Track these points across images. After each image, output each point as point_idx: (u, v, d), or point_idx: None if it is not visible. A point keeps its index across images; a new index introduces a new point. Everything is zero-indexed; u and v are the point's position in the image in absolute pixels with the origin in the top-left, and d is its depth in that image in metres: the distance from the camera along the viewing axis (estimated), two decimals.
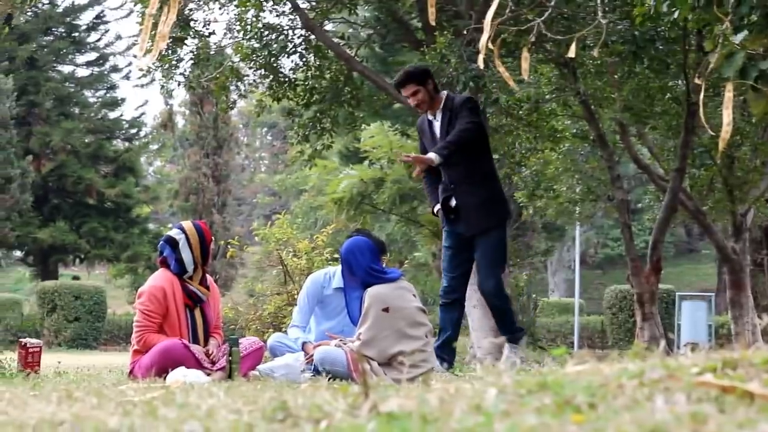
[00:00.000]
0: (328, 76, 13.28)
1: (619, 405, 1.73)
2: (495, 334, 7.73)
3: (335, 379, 4.66)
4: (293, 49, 13.02)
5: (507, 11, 7.76)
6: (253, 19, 12.53)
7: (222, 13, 13.43)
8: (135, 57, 31.94)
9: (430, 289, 21.94)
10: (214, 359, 5.37)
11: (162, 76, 13.43)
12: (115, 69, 34.91)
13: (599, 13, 7.89)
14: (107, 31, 38.19)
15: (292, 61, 13.44)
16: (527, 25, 7.49)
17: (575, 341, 25.80)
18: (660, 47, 11.08)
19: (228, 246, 12.06)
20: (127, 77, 35.13)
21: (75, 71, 34.77)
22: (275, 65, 13.08)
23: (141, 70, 15.37)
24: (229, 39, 13.14)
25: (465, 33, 10.39)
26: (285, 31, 12.93)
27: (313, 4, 13.48)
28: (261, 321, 9.74)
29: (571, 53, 6.67)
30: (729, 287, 16.15)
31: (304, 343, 5.64)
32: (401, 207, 18.94)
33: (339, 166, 22.41)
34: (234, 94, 14.15)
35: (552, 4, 8.70)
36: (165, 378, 4.76)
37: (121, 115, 34.81)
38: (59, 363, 7.47)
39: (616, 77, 13.11)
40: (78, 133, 31.81)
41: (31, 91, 31.69)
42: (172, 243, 5.51)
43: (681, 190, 14.08)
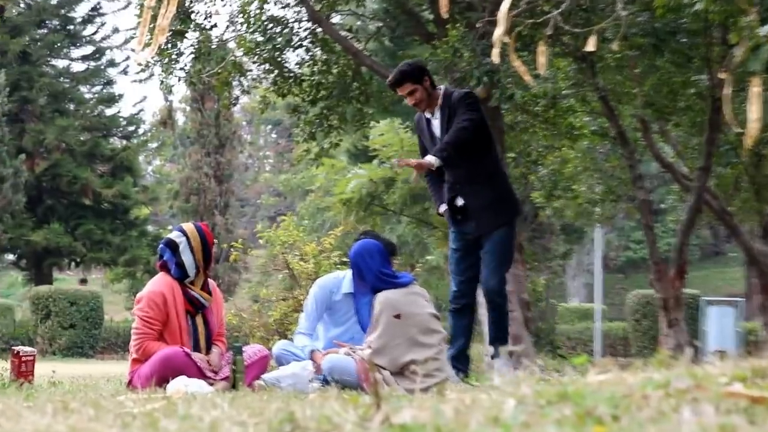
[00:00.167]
0: (335, 70, 13.28)
1: (644, 417, 1.73)
2: (512, 341, 7.57)
3: (345, 389, 4.61)
4: (299, 43, 13.08)
5: (522, 3, 7.68)
6: (257, 11, 12.54)
7: (224, 5, 13.42)
8: (133, 51, 32.21)
9: (443, 294, 21.77)
10: (216, 368, 5.35)
11: (161, 71, 13.39)
12: (112, 64, 34.66)
13: (619, 5, 7.81)
14: (104, 24, 38.14)
15: (297, 56, 13.58)
16: (544, 18, 7.47)
17: (596, 349, 25.78)
18: (682, 40, 11.08)
19: (231, 249, 12.00)
20: (125, 72, 34.92)
21: (70, 66, 34.47)
22: (280, 60, 13.08)
23: (139, 64, 15.81)
24: (232, 32, 13.19)
25: (478, 26, 10.29)
26: (290, 24, 12.95)
27: None
28: (266, 328, 9.78)
29: (590, 47, 6.66)
30: (758, 292, 16.72)
31: (312, 352, 5.62)
32: (412, 208, 18.97)
33: (347, 165, 22.49)
34: (237, 90, 14.16)
35: None
36: (165, 388, 4.77)
37: (119, 112, 34.63)
38: (54, 372, 7.30)
39: (636, 72, 13.02)
40: (73, 131, 31.56)
41: (24, 87, 31.40)
42: (172, 246, 5.47)
43: (706, 189, 14.00)
